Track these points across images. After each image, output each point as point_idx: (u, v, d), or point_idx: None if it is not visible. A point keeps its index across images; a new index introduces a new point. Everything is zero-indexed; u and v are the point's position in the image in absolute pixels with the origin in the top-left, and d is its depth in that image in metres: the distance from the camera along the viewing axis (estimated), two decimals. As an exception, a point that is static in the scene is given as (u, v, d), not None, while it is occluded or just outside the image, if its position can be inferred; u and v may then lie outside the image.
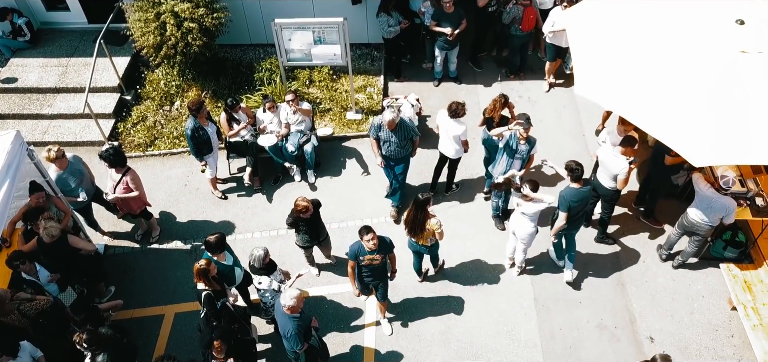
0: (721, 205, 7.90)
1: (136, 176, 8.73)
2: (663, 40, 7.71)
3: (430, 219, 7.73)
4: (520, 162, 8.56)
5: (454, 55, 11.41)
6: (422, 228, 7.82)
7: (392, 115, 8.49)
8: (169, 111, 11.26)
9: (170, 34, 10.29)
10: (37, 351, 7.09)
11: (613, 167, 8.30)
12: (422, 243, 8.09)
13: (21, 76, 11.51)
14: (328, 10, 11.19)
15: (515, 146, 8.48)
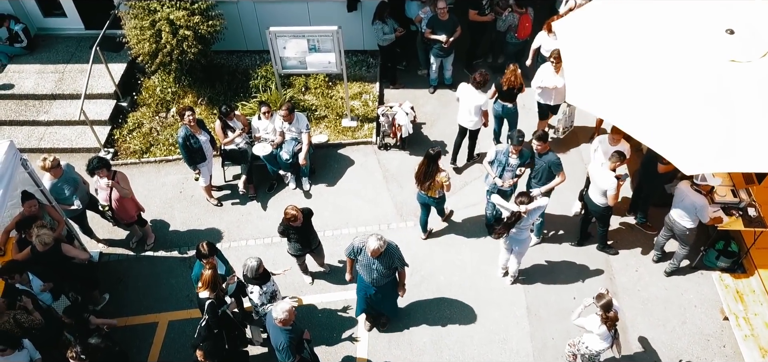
0: (690, 202, 7.95)
1: (123, 175, 8.78)
2: (654, 48, 7.73)
3: (439, 172, 8.46)
4: (510, 174, 8.54)
5: (449, 62, 11.45)
6: (433, 180, 8.50)
7: (377, 243, 7.10)
8: (165, 118, 11.29)
9: (166, 42, 10.32)
10: (37, 353, 7.14)
11: (601, 183, 8.30)
12: (430, 195, 8.71)
13: (17, 83, 11.54)
14: (323, 17, 11.24)
15: (505, 161, 8.44)
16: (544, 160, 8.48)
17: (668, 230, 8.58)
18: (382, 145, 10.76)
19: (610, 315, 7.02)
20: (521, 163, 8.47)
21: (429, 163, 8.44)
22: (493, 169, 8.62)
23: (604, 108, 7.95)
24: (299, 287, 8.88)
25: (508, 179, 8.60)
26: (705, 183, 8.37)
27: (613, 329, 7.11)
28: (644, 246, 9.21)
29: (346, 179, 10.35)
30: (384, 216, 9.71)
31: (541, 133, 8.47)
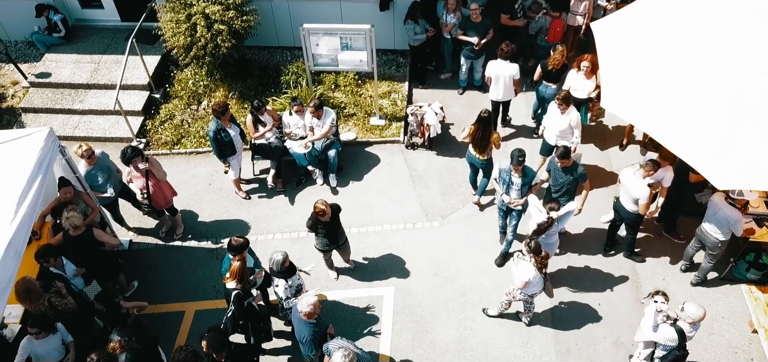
0: (724, 215, 7.83)
1: (156, 160, 8.95)
2: (691, 57, 7.64)
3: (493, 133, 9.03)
4: (516, 192, 8.43)
5: (480, 64, 11.43)
6: (488, 142, 9.00)
7: None
8: (196, 110, 11.47)
9: (200, 35, 10.49)
10: (68, 336, 7.34)
11: (633, 190, 8.23)
12: (481, 158, 9.12)
13: (55, 71, 11.80)
14: (356, 15, 11.30)
15: (508, 179, 8.38)
16: (570, 175, 8.39)
17: (698, 241, 8.47)
18: (410, 145, 10.79)
19: (539, 258, 7.42)
20: (526, 183, 8.36)
21: (484, 126, 8.92)
22: (500, 186, 8.58)
23: (636, 114, 7.90)
24: (325, 282, 8.96)
25: (515, 198, 8.47)
26: (741, 198, 8.27)
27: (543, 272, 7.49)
28: (672, 255, 9.10)
29: (372, 177, 10.40)
30: (410, 215, 9.74)
31: (563, 150, 8.29)
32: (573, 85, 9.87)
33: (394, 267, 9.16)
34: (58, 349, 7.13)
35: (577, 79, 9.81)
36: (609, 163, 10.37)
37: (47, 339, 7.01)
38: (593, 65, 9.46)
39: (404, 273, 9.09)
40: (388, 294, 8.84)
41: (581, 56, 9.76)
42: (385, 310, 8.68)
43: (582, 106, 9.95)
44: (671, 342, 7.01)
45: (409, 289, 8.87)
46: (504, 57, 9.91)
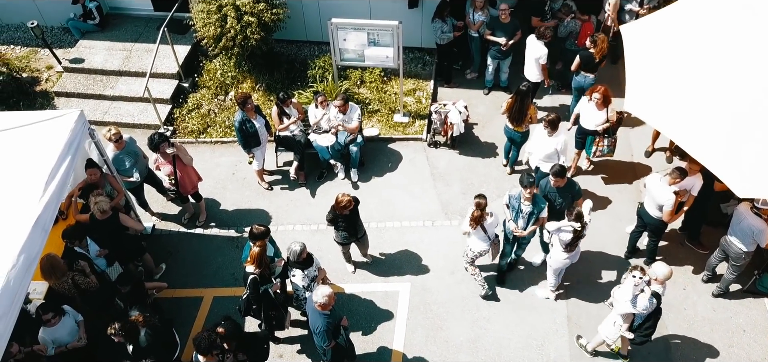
0: (748, 225, 7.69)
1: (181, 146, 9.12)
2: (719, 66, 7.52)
3: (530, 106, 9.26)
4: (523, 221, 8.05)
5: (507, 64, 11.38)
6: (525, 115, 9.23)
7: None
8: (223, 101, 11.64)
9: (230, 27, 10.64)
10: (79, 316, 7.53)
11: (659, 196, 8.11)
12: (517, 130, 9.40)
13: (87, 58, 12.07)
14: (384, 12, 11.32)
15: (518, 206, 8.00)
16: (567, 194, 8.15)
17: (722, 252, 8.32)
18: (432, 143, 10.79)
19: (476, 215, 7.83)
20: (535, 212, 7.92)
21: (521, 98, 9.19)
22: (509, 212, 8.21)
23: (662, 120, 7.81)
24: (342, 275, 9.03)
25: (521, 228, 8.09)
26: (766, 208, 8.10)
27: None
28: (694, 264, 8.96)
29: (394, 173, 10.44)
30: (429, 212, 9.75)
31: (558, 168, 8.03)
32: (583, 113, 9.50)
33: (411, 263, 9.19)
34: (72, 330, 7.34)
35: (588, 108, 9.39)
36: (633, 169, 10.23)
37: (61, 323, 7.22)
38: (605, 97, 9.11)
39: (421, 269, 9.11)
40: (403, 290, 8.87)
41: (594, 87, 9.34)
42: (400, 306, 8.71)
43: (588, 136, 9.64)
44: (648, 309, 7.17)
45: (426, 286, 8.88)
46: (537, 35, 10.05)
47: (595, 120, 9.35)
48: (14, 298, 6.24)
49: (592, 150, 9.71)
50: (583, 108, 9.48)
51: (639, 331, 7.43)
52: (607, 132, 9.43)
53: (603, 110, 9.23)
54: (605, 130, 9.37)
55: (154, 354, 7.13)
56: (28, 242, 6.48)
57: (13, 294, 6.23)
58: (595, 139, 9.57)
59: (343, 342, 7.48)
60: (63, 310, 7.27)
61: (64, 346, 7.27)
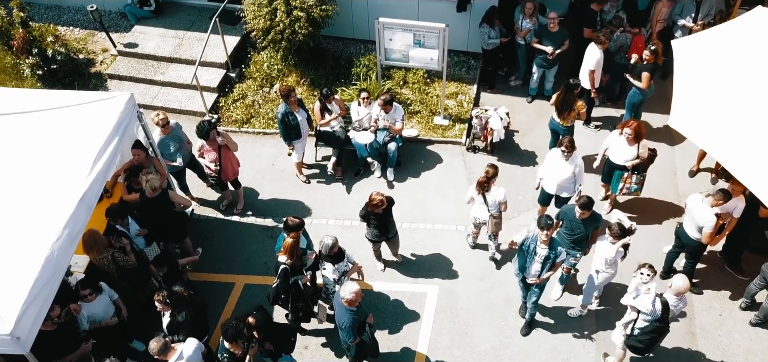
0: None
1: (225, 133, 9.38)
2: (769, 88, 7.34)
3: (577, 101, 9.28)
4: (538, 266, 7.62)
5: (552, 74, 11.28)
6: (570, 108, 9.32)
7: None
8: (268, 93, 11.87)
9: (279, 20, 10.84)
10: (114, 294, 7.79)
11: (699, 217, 7.92)
12: (563, 124, 9.45)
13: (141, 43, 12.47)
14: (432, 13, 11.35)
15: (533, 248, 7.53)
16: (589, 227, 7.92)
17: (763, 279, 8.08)
18: (471, 147, 10.78)
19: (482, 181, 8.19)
20: (551, 257, 7.48)
21: (567, 91, 9.32)
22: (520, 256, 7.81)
23: (708, 140, 7.66)
24: (371, 272, 9.09)
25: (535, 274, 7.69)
26: None
27: None
28: (733, 290, 8.72)
29: (430, 175, 10.47)
30: (462, 217, 9.72)
31: (585, 201, 7.70)
32: (611, 147, 9.13)
33: (440, 266, 9.21)
34: (107, 308, 7.62)
35: (618, 143, 9.00)
36: (675, 188, 10.01)
37: (98, 300, 7.48)
38: (637, 133, 8.74)
39: (450, 273, 9.12)
40: (431, 293, 8.90)
41: (626, 121, 9.02)
42: (427, 308, 8.74)
43: (616, 171, 9.20)
44: (648, 312, 7.05)
45: (454, 290, 8.89)
46: (598, 43, 9.97)
47: (625, 155, 8.96)
48: (56, 269, 6.55)
49: (618, 186, 9.24)
50: (613, 141, 9.12)
51: (636, 336, 7.33)
52: (636, 169, 9.03)
53: (634, 146, 8.83)
54: (634, 166, 8.99)
55: (188, 332, 7.35)
56: (73, 217, 6.79)
57: (56, 265, 6.54)
58: (623, 174, 9.13)
59: (367, 340, 7.56)
60: (101, 288, 7.54)
61: (98, 323, 7.55)
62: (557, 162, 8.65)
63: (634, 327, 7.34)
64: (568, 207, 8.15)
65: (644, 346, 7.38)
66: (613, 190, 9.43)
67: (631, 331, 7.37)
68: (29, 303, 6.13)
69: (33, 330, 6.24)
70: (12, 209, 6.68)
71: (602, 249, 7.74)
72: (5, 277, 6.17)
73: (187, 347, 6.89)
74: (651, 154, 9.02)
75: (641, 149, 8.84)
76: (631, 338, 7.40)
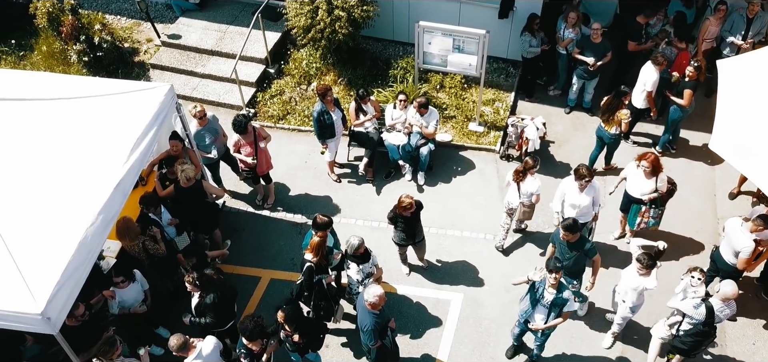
0: None
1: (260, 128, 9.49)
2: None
3: (622, 109, 9.26)
4: (543, 311, 7.25)
5: (592, 85, 11.09)
6: (613, 113, 9.33)
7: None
8: (305, 90, 11.98)
9: (320, 19, 10.92)
10: (146, 283, 7.95)
11: (737, 242, 7.70)
12: (607, 129, 9.49)
13: (184, 35, 12.70)
14: (474, 19, 11.28)
15: (541, 294, 7.14)
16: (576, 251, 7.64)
17: None
18: (505, 156, 10.68)
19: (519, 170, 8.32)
20: (558, 305, 7.07)
21: (615, 97, 9.34)
22: (526, 301, 7.45)
23: (750, 165, 7.46)
24: (396, 276, 9.11)
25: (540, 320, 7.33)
26: None
27: None
28: (767, 319, 8.46)
29: (461, 181, 10.41)
30: (491, 226, 9.65)
31: (570, 223, 7.48)
32: (629, 179, 8.76)
33: (466, 274, 9.15)
34: (137, 296, 7.77)
35: (635, 175, 8.64)
36: (714, 210, 9.74)
37: (130, 287, 7.64)
38: (654, 166, 8.37)
39: (476, 282, 9.06)
40: (455, 300, 8.85)
41: (644, 153, 8.57)
42: (450, 315, 8.71)
43: (633, 205, 8.82)
44: (694, 314, 7.08)
45: (478, 300, 8.84)
46: (655, 63, 9.79)
47: (642, 188, 8.59)
48: (89, 253, 6.70)
49: (636, 221, 8.83)
50: (630, 173, 8.77)
51: (680, 337, 7.39)
52: (654, 202, 8.66)
53: (651, 179, 8.48)
54: (652, 200, 8.62)
55: (215, 315, 7.48)
56: (108, 203, 6.95)
57: (89, 249, 6.70)
58: (640, 208, 8.74)
59: (388, 344, 7.56)
60: (133, 277, 7.69)
61: (127, 309, 7.73)
62: (573, 191, 8.34)
63: (679, 328, 7.39)
64: (557, 232, 7.87)
65: (688, 348, 7.43)
66: (630, 225, 9.00)
67: (677, 332, 7.42)
68: (61, 285, 6.28)
69: (63, 311, 6.39)
70: (50, 191, 6.86)
71: (629, 280, 7.52)
72: (39, 258, 6.34)
73: (205, 345, 7.00)
74: (670, 188, 8.63)
75: (659, 183, 8.47)
76: (675, 338, 7.47)
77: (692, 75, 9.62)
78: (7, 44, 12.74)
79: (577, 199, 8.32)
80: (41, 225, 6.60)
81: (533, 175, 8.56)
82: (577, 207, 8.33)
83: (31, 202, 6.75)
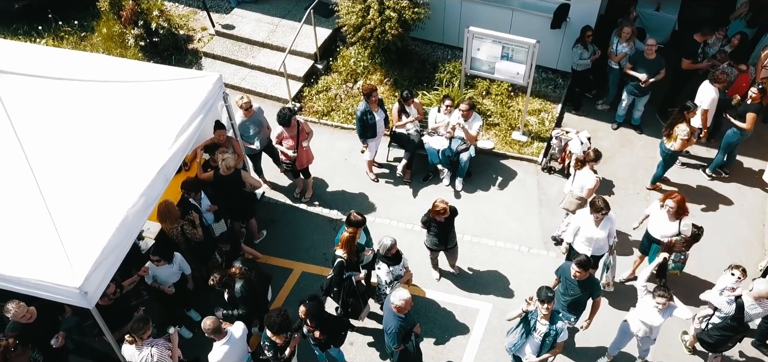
0: None
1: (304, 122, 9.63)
2: None
3: (681, 123, 9.12)
4: (535, 347, 7.00)
5: (642, 103, 10.83)
6: (672, 127, 9.22)
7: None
8: (351, 88, 12.08)
9: (371, 18, 11.01)
10: (188, 268, 8.15)
11: None
12: (666, 142, 9.39)
13: (238, 25, 12.98)
14: (526, 27, 11.19)
15: (533, 325, 6.88)
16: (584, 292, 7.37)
17: None
18: (547, 168, 10.54)
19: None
20: (551, 334, 6.79)
21: (679, 110, 9.20)
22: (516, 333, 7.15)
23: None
24: (426, 279, 9.12)
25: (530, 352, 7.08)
26: None
27: None
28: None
29: (499, 191, 10.33)
30: (527, 238, 9.57)
31: (583, 259, 7.16)
32: (652, 217, 8.33)
33: (497, 284, 9.08)
34: (171, 275, 7.97)
35: (658, 216, 8.17)
36: (762, 240, 9.41)
37: (165, 267, 7.87)
38: (679, 207, 7.91)
39: (506, 293, 8.99)
40: (484, 310, 8.80)
41: (669, 193, 8.17)
42: (477, 325, 8.66)
43: (653, 244, 8.35)
44: (725, 308, 7.15)
45: (507, 311, 8.63)
46: (711, 80, 9.60)
47: (663, 230, 8.13)
48: (129, 233, 6.99)
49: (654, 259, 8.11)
50: (653, 211, 8.33)
51: (707, 330, 7.49)
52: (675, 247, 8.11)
53: (674, 221, 8.03)
54: (672, 244, 8.08)
55: (246, 306, 7.65)
56: (151, 186, 7.20)
57: (129, 229, 6.98)
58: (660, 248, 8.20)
59: (411, 349, 7.55)
60: (170, 259, 7.88)
61: (158, 283, 7.96)
62: (589, 225, 8.00)
63: (708, 321, 7.47)
64: (567, 264, 7.58)
65: (714, 342, 7.46)
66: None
67: (706, 326, 7.50)
68: (100, 262, 6.56)
69: (100, 287, 6.67)
70: (97, 170, 7.15)
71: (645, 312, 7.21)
72: (81, 234, 6.62)
73: (235, 329, 7.18)
74: (695, 233, 8.09)
75: (683, 227, 7.98)
76: (702, 332, 7.56)
77: (755, 97, 9.30)
78: (70, 24, 13.27)
79: (592, 233, 7.96)
80: (86, 202, 6.87)
81: (592, 170, 8.59)
82: (592, 240, 8.00)
83: (79, 179, 7.04)
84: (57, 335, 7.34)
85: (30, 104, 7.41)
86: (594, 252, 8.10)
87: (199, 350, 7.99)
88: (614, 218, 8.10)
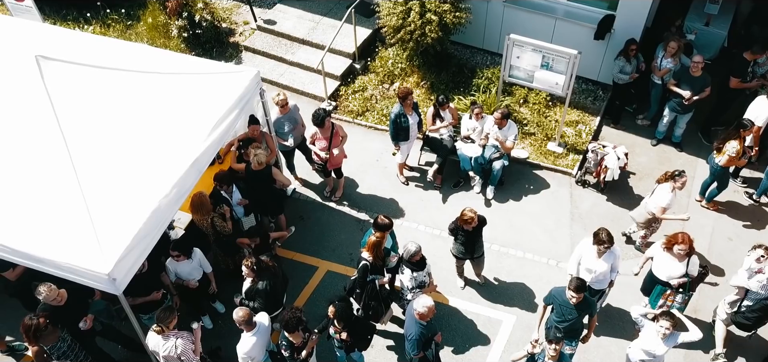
0: None
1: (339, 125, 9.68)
2: None
3: (732, 140, 8.99)
4: None
5: (685, 120, 10.54)
6: (723, 143, 9.11)
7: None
8: (387, 89, 12.08)
9: (411, 20, 10.99)
10: (208, 265, 8.19)
11: None
12: (716, 156, 9.27)
13: (279, 21, 13.10)
14: (568, 37, 11.03)
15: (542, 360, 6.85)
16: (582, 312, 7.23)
17: None
18: (581, 181, 10.37)
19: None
20: None
21: (734, 127, 9.06)
22: None
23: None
24: (450, 287, 9.07)
25: None
26: None
27: None
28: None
29: (531, 201, 10.20)
30: (556, 252, 9.43)
31: (578, 283, 6.99)
32: (656, 258, 7.96)
33: (522, 297, 8.98)
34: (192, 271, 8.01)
35: (664, 258, 7.82)
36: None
37: (185, 263, 7.94)
38: (691, 249, 7.59)
39: (531, 306, 8.87)
40: (507, 322, 8.71)
41: (676, 235, 7.68)
42: (499, 336, 8.58)
43: (657, 285, 7.98)
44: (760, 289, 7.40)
45: (531, 324, 8.62)
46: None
47: (670, 271, 7.78)
48: (159, 223, 7.14)
49: (657, 303, 7.93)
50: (656, 253, 7.97)
51: (743, 313, 7.71)
52: (682, 288, 7.81)
53: (683, 262, 7.69)
54: (681, 285, 7.80)
55: (264, 301, 7.72)
56: (184, 177, 7.35)
57: (160, 219, 7.13)
58: (665, 291, 7.90)
59: (431, 357, 7.53)
60: (190, 255, 7.94)
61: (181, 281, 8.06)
62: (591, 256, 7.73)
63: (740, 305, 7.70)
64: (557, 290, 7.37)
65: (752, 323, 7.76)
66: (651, 306, 8.08)
67: (739, 309, 7.73)
68: (130, 250, 6.72)
69: (129, 274, 6.84)
70: (132, 159, 7.29)
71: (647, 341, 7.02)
72: (113, 220, 6.79)
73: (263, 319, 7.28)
74: (702, 272, 7.91)
75: (691, 267, 7.69)
76: (737, 315, 7.78)
77: None
78: (117, 12, 13.62)
79: (593, 264, 7.68)
80: (120, 190, 7.02)
81: (673, 192, 8.43)
82: (593, 272, 7.71)
83: (114, 166, 7.19)
84: (85, 318, 7.54)
85: (71, 91, 7.58)
86: (592, 284, 7.76)
87: (220, 340, 8.12)
88: (619, 253, 7.83)
